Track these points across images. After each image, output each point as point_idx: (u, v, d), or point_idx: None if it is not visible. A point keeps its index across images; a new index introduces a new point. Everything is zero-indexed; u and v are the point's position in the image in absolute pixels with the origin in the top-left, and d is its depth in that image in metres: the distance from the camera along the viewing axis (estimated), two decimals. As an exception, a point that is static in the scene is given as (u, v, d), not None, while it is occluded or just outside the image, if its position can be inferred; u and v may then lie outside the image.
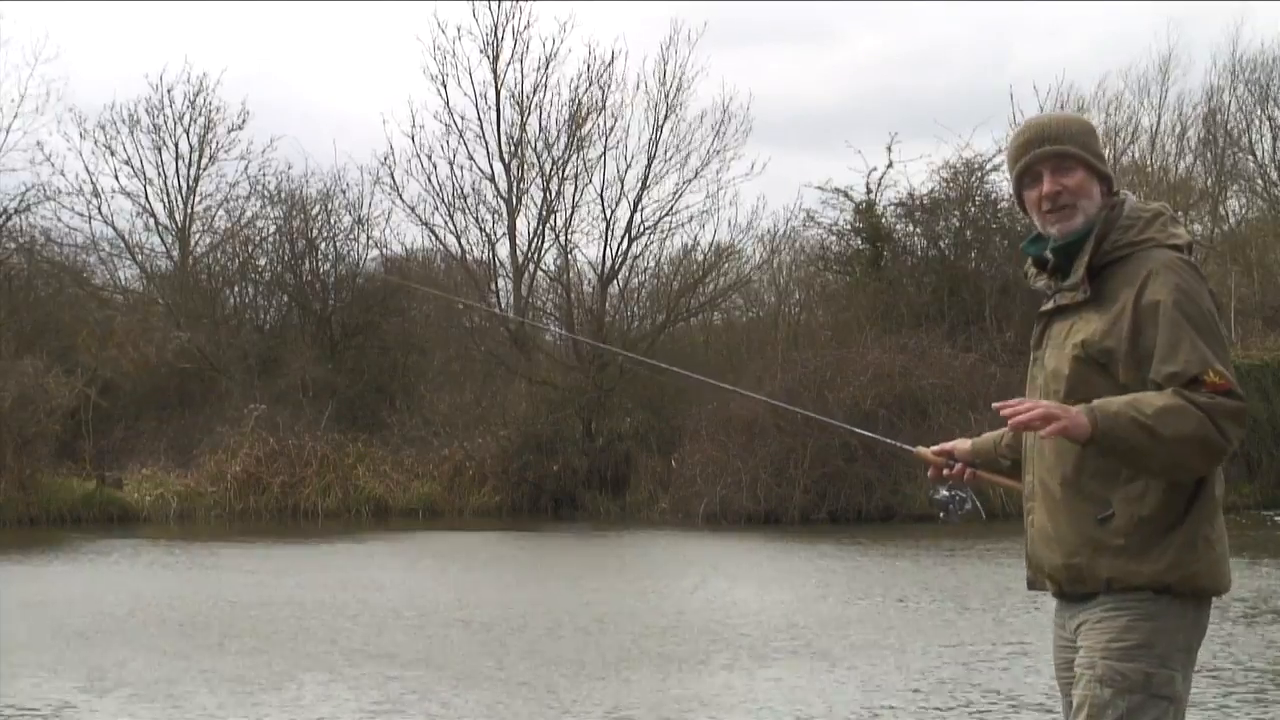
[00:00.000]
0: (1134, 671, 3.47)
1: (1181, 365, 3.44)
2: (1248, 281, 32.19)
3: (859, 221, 31.71)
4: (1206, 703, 8.42)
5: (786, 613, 12.96)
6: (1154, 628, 3.49)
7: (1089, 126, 3.79)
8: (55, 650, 11.11)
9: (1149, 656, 3.48)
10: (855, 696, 8.94)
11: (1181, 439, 3.39)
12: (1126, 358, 3.51)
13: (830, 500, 25.34)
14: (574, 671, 9.87)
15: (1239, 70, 35.33)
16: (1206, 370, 3.44)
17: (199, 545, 22.09)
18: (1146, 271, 3.53)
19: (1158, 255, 3.56)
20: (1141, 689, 3.46)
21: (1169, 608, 3.50)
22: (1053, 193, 3.68)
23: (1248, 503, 25.13)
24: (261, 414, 29.87)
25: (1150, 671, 3.47)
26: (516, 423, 29.86)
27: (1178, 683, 3.50)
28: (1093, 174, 3.69)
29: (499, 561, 19.76)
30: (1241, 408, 3.48)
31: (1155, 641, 3.49)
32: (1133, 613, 3.51)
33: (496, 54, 32.65)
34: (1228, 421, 3.45)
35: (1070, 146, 3.69)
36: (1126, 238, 3.60)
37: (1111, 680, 3.48)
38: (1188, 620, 3.54)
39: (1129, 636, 3.49)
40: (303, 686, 9.47)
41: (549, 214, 32.52)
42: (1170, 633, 3.50)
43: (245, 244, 36.00)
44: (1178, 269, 3.54)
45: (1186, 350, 3.45)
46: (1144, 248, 3.58)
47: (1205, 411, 3.41)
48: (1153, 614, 3.50)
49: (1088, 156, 3.69)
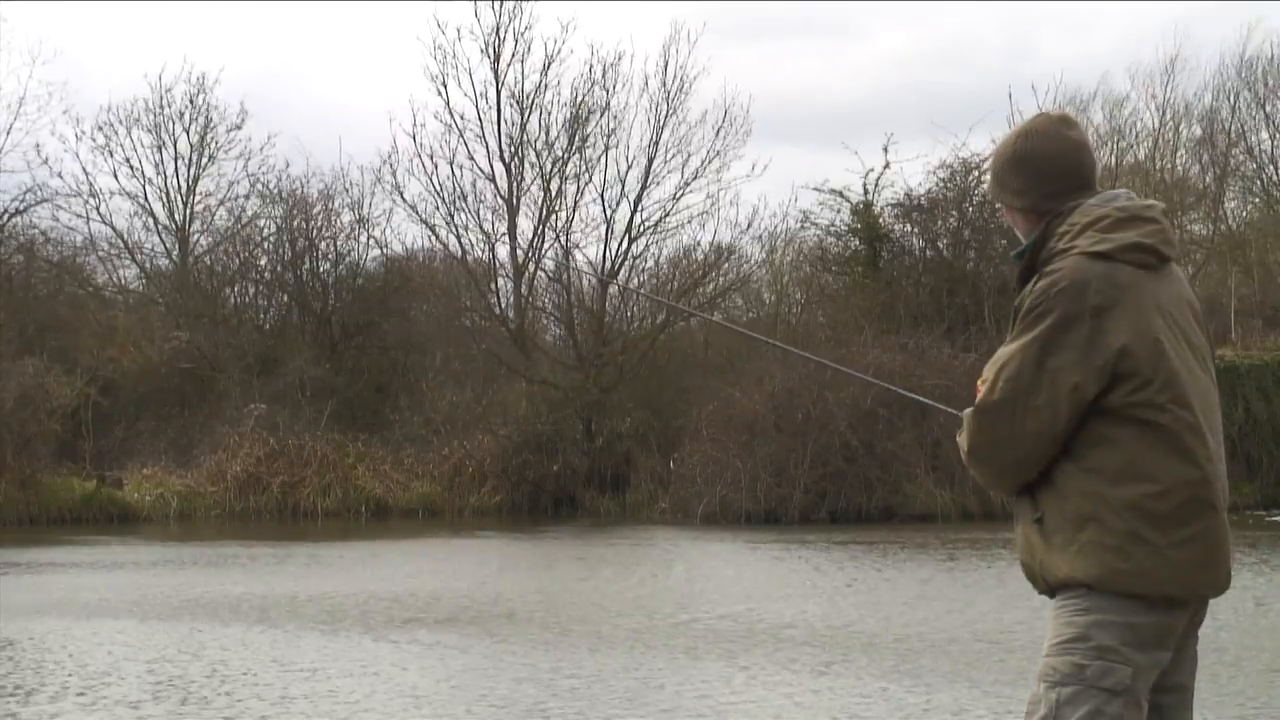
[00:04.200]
0: (1064, 664, 3.49)
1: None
2: (1248, 281, 32.21)
3: (856, 222, 31.72)
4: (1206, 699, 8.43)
5: (783, 613, 12.96)
6: (1090, 621, 3.49)
7: (999, 163, 3.82)
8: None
9: (1083, 649, 3.48)
10: (855, 697, 8.95)
11: (966, 451, 3.69)
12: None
13: (830, 500, 25.35)
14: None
15: (1243, 71, 35.37)
16: (981, 377, 3.64)
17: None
18: (1038, 276, 3.62)
19: (1060, 262, 3.59)
20: (1074, 680, 3.47)
21: (1107, 603, 3.49)
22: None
23: (1248, 503, 25.13)
24: (261, 414, 29.89)
25: (1083, 663, 3.47)
26: (516, 422, 29.87)
27: (1124, 675, 3.47)
28: (1009, 208, 3.84)
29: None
30: (977, 409, 3.61)
31: (1091, 635, 3.48)
32: (1070, 608, 3.54)
33: (497, 54, 32.71)
34: (973, 432, 3.64)
35: (990, 191, 3.97)
36: (1057, 247, 3.64)
37: (1045, 675, 3.52)
38: (1136, 618, 3.50)
39: (1065, 631, 3.52)
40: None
41: (549, 214, 32.56)
42: (1111, 627, 3.48)
43: (245, 243, 36.02)
44: (1055, 273, 3.57)
45: (997, 358, 3.62)
46: (1065, 256, 3.60)
47: (964, 425, 3.67)
48: (1088, 609, 3.50)
49: (1001, 197, 3.86)
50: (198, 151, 35.99)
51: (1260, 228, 35.02)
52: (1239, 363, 27.07)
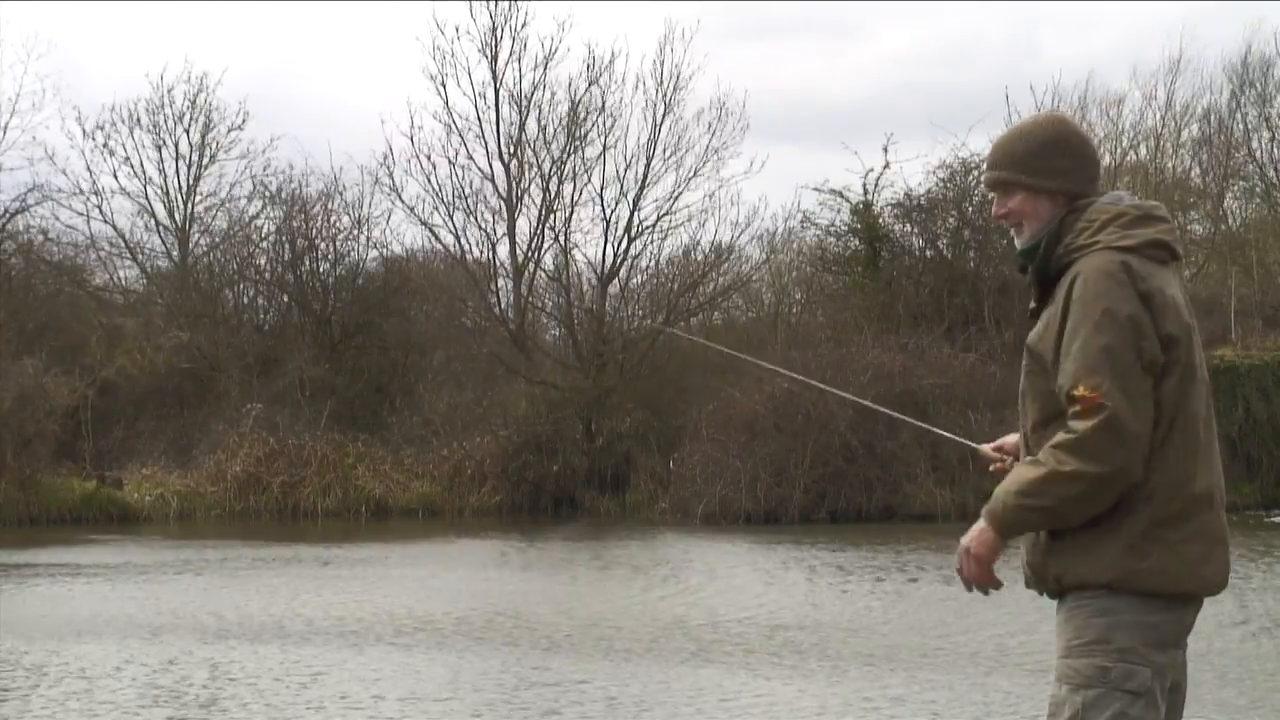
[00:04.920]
0: (1087, 667, 3.48)
1: (1066, 378, 3.47)
2: (1248, 281, 32.20)
3: (856, 222, 31.71)
4: (1203, 696, 8.43)
5: (777, 613, 12.95)
6: (1109, 623, 3.49)
7: (1035, 143, 3.72)
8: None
9: (1105, 651, 3.47)
10: (853, 701, 8.94)
11: (1064, 498, 3.43)
12: (1053, 363, 3.55)
13: (830, 500, 25.33)
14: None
15: (1244, 71, 35.34)
16: (1077, 385, 3.43)
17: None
18: (1075, 273, 3.55)
19: (1094, 257, 3.55)
20: (1098, 683, 3.46)
21: (1125, 603, 3.49)
22: (999, 216, 3.79)
23: (1248, 503, 25.10)
24: (259, 413, 29.88)
25: (1106, 665, 3.46)
26: (516, 423, 29.86)
27: (1145, 677, 3.47)
28: (1037, 192, 3.70)
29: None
30: (1107, 419, 3.39)
31: (1111, 637, 3.48)
32: (1087, 609, 3.52)
33: (495, 54, 32.67)
34: (1084, 454, 3.40)
35: (1004, 173, 3.74)
36: (1077, 242, 3.60)
37: (1067, 678, 3.50)
38: (1154, 617, 3.51)
39: (1085, 634, 3.51)
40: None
41: (549, 214, 32.53)
42: (1130, 628, 3.48)
43: (245, 244, 35.99)
44: (1101, 268, 3.52)
45: (1071, 360, 3.46)
46: (1088, 252, 3.57)
47: (1067, 455, 3.41)
48: (1106, 609, 3.49)
49: (1023, 178, 3.70)
50: (198, 152, 36.00)
51: (1260, 228, 35.01)
52: (1239, 363, 27.05)
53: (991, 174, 3.79)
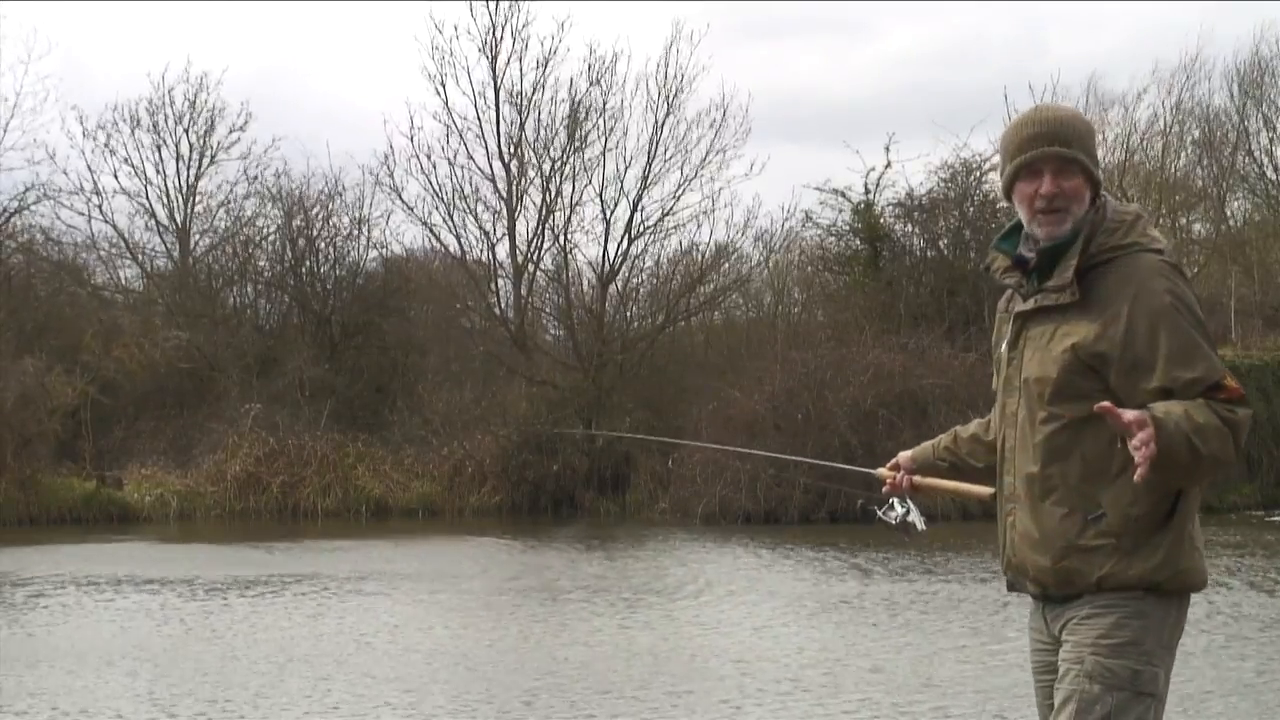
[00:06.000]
0: (1121, 668, 3.50)
1: (1202, 372, 3.46)
2: (1248, 281, 32.19)
3: (857, 222, 31.70)
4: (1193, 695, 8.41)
5: (779, 617, 12.93)
6: (1143, 625, 3.52)
7: (1091, 128, 3.79)
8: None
9: (1137, 653, 3.50)
10: (853, 701, 8.93)
11: (1214, 457, 3.40)
12: (1120, 362, 3.52)
13: (830, 500, 25.29)
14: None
15: (1246, 72, 35.31)
16: (1225, 376, 3.48)
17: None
18: (1139, 277, 3.55)
19: (1146, 260, 3.59)
20: (1129, 686, 3.49)
21: (1156, 606, 3.53)
22: (1050, 194, 3.64)
23: (1248, 503, 25.09)
24: (259, 413, 29.85)
25: (1137, 669, 3.50)
26: (516, 423, 29.84)
27: (1160, 680, 3.53)
28: (1088, 179, 3.69)
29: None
30: (1249, 417, 3.49)
31: (1143, 639, 3.52)
32: (1123, 610, 3.53)
33: (495, 54, 32.65)
34: (1242, 436, 3.46)
35: (1077, 152, 3.67)
36: (1112, 241, 3.62)
37: (1101, 676, 3.50)
38: (1171, 618, 3.58)
39: (1119, 634, 3.51)
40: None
41: (549, 214, 32.50)
42: (1156, 630, 3.53)
43: (245, 244, 35.97)
44: (1168, 274, 3.57)
45: (1202, 357, 3.48)
46: (1129, 252, 3.60)
47: (1233, 430, 3.42)
48: (1142, 611, 3.52)
49: (1089, 163, 3.69)
50: (198, 152, 35.97)
51: (1260, 228, 34.99)
52: (1239, 363, 27.01)
53: (1062, 150, 3.64)
